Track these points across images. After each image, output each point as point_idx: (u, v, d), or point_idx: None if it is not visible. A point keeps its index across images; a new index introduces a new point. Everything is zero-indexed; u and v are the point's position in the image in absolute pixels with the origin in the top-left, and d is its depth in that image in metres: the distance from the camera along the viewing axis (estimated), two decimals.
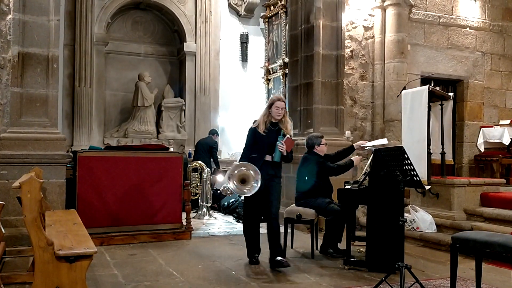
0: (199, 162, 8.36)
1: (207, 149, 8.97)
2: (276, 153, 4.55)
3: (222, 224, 7.26)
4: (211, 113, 10.35)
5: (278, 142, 4.52)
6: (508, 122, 8.56)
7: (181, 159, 6.09)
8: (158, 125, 10.07)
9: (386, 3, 7.80)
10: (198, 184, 8.22)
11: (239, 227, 6.99)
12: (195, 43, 10.26)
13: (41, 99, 5.28)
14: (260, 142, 4.57)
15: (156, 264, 4.62)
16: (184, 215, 6.02)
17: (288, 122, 4.69)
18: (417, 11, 8.34)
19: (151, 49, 10.52)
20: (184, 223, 6.00)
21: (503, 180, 6.61)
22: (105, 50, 9.84)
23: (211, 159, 8.95)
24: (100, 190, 5.57)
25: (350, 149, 5.47)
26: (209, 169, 8.14)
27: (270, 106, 4.63)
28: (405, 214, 6.11)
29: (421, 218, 6.01)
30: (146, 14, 10.49)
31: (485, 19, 9.05)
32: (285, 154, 4.53)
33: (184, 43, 10.21)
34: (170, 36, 10.76)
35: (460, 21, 8.78)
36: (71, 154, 6.31)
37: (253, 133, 4.64)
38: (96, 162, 5.60)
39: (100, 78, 9.62)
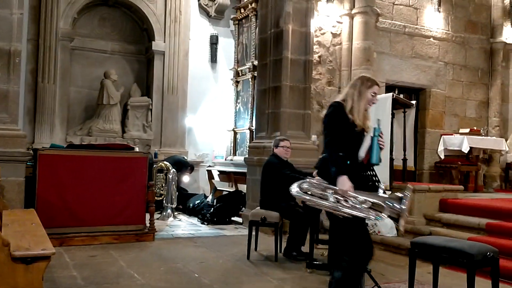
0: (165, 162, 8.27)
1: (176, 161, 8.86)
2: (374, 152, 3.09)
3: (186, 226, 7.21)
4: (179, 113, 10.26)
5: (375, 136, 3.07)
6: (467, 130, 8.87)
7: (146, 159, 6.02)
8: (123, 124, 9.90)
9: (354, 11, 7.95)
10: (163, 185, 8.12)
11: (203, 229, 6.97)
12: (164, 42, 10.15)
13: (1, 94, 5.12)
14: (355, 139, 3.09)
15: (117, 266, 4.54)
16: (147, 216, 5.94)
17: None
18: (384, 20, 8.55)
19: (119, 46, 10.34)
20: (148, 225, 5.92)
21: (461, 187, 6.82)
22: (71, 46, 9.60)
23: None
24: (61, 190, 5.43)
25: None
26: (174, 170, 8.07)
27: (369, 87, 3.14)
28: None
29: (382, 223, 6.13)
30: (114, 11, 10.30)
31: (449, 30, 9.36)
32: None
33: (153, 42, 10.08)
34: (139, 34, 10.61)
35: (424, 31, 9.04)
36: (31, 151, 6.12)
37: (351, 124, 3.03)
38: (58, 160, 5.46)
39: (64, 74, 9.38)
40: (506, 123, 9.80)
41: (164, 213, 7.77)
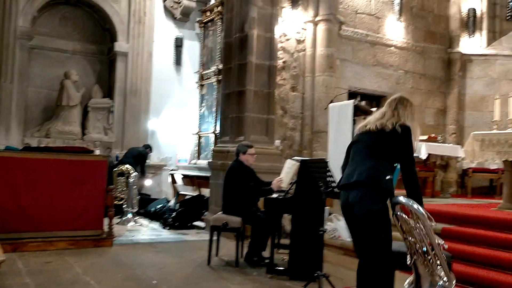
0: (126, 166, 8.12)
1: (136, 155, 8.74)
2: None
3: (147, 231, 7.09)
4: (142, 116, 10.12)
5: None
6: (425, 137, 9.10)
7: (105, 162, 5.89)
8: (83, 126, 9.67)
9: (317, 18, 8.06)
10: (124, 189, 7.97)
11: (165, 234, 6.88)
12: (128, 43, 10.00)
13: None
14: None
15: (73, 273, 4.41)
16: (106, 221, 5.81)
17: None
18: (347, 28, 8.70)
19: (80, 46, 10.11)
20: (106, 230, 5.78)
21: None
22: (30, 45, 9.32)
23: (138, 166, 8.74)
24: (16, 193, 5.23)
25: (269, 191, 5.03)
26: (136, 173, 7.93)
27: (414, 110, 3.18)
28: (328, 223, 6.34)
29: (343, 227, 6.20)
30: (76, 10, 10.07)
31: (409, 40, 9.63)
32: None
33: (116, 43, 9.91)
34: (101, 34, 10.41)
35: (386, 40, 9.27)
36: None
37: None
38: (12, 163, 5.27)
39: (22, 73, 9.08)
40: (462, 130, 10.15)
41: (124, 218, 7.61)
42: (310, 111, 8.22)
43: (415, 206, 2.80)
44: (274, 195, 5.02)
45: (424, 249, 2.78)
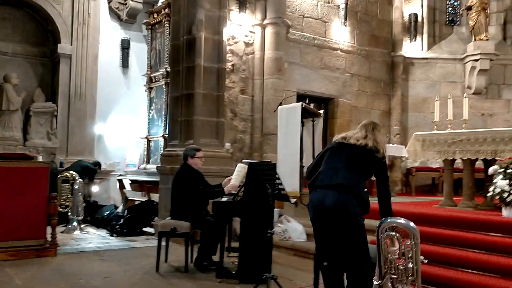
0: (71, 172, 7.83)
1: (85, 167, 8.48)
2: None
3: (94, 239, 6.87)
4: (87, 120, 9.80)
5: None
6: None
7: (47, 169, 5.64)
8: (25, 131, 9.24)
9: (265, 22, 8.13)
10: (69, 196, 7.69)
11: (112, 241, 6.69)
12: (71, 45, 9.67)
13: None
14: None
15: (12, 285, 4.20)
16: (49, 230, 5.57)
17: None
18: (294, 32, 8.83)
19: (21, 48, 9.66)
20: (49, 239, 5.55)
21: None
22: None
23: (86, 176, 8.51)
24: None
25: (220, 192, 5.02)
26: (81, 180, 7.67)
27: None
28: (279, 225, 6.40)
29: (293, 228, 6.29)
30: (16, 11, 9.62)
31: (354, 44, 9.90)
32: None
33: (59, 45, 9.56)
34: (43, 36, 10.01)
35: (332, 43, 9.48)
36: None
37: None
38: None
39: None
40: (406, 131, 10.54)
41: (70, 226, 7.35)
42: (260, 114, 8.27)
43: (411, 224, 2.95)
44: (224, 199, 5.01)
45: (403, 266, 2.91)
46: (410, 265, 2.94)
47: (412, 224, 3.02)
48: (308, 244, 6.02)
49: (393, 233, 2.93)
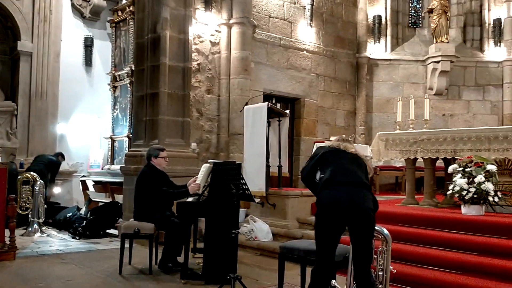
0: (31, 173, 7.60)
1: (47, 163, 8.24)
2: None
3: (55, 242, 6.68)
4: (49, 120, 9.53)
5: None
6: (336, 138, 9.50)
7: (5, 170, 5.45)
8: None
9: (231, 21, 8.11)
10: (30, 198, 7.46)
11: (74, 244, 6.53)
12: (32, 42, 9.38)
13: None
14: None
15: None
16: (8, 233, 5.38)
17: None
18: (261, 32, 8.85)
19: None
20: (8, 242, 5.36)
21: None
22: None
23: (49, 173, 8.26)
24: None
25: (185, 193, 4.95)
26: (42, 182, 7.45)
27: None
28: (245, 225, 6.39)
29: (259, 228, 6.29)
30: None
31: (320, 45, 10.00)
32: None
33: (18, 42, 9.26)
34: (2, 33, 9.68)
35: (298, 44, 9.55)
36: None
37: None
38: None
39: None
40: (370, 131, 10.73)
41: (30, 229, 7.13)
42: (226, 114, 8.24)
43: (385, 231, 3.07)
44: (189, 199, 4.96)
45: (374, 274, 3.02)
46: (381, 272, 3.00)
47: (386, 231, 3.10)
48: (274, 243, 6.04)
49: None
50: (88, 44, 10.16)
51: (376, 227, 3.05)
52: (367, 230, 3.07)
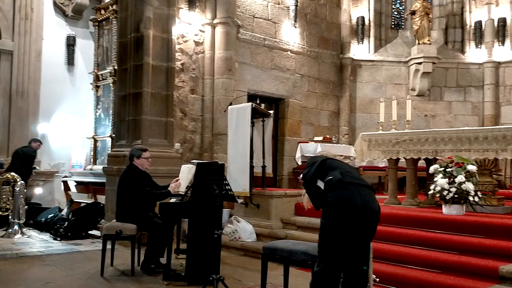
0: (12, 173, 7.49)
1: (23, 157, 8.13)
2: None
3: (36, 243, 6.58)
4: (30, 119, 9.37)
5: None
6: (321, 138, 9.55)
7: None
8: None
9: (215, 21, 8.09)
10: (10, 199, 7.35)
11: (55, 245, 6.44)
12: (13, 41, 9.23)
13: None
14: None
15: None
16: None
17: None
18: (245, 32, 8.84)
19: None
20: None
21: None
22: None
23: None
24: None
25: (168, 193, 4.96)
26: (23, 182, 7.34)
27: None
28: (228, 225, 6.38)
29: (242, 228, 6.29)
30: None
31: (304, 45, 10.03)
32: None
33: None
34: None
35: (282, 44, 9.57)
36: None
37: None
38: None
39: None
40: (354, 131, 10.80)
41: (10, 230, 7.01)
42: (210, 114, 8.22)
43: None
44: (172, 200, 4.93)
45: None
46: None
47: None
48: (257, 244, 6.04)
49: None
50: (71, 43, 10.02)
51: None
52: (372, 232, 3.18)
